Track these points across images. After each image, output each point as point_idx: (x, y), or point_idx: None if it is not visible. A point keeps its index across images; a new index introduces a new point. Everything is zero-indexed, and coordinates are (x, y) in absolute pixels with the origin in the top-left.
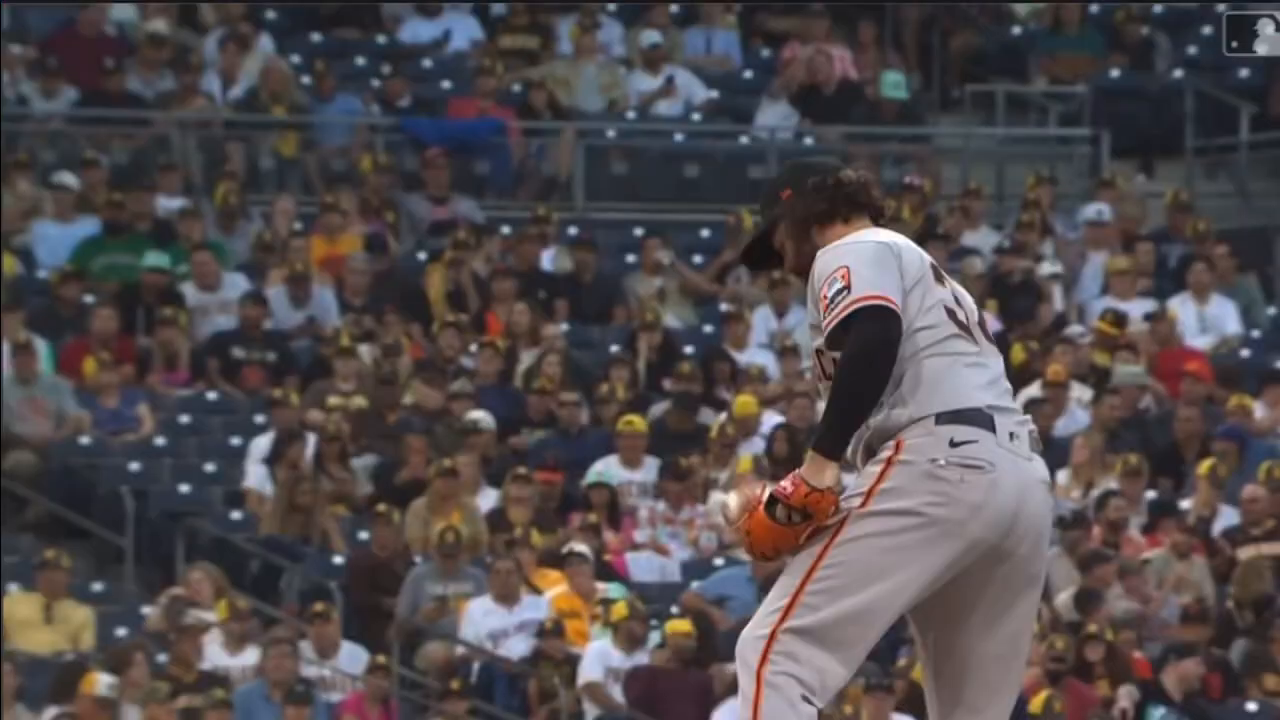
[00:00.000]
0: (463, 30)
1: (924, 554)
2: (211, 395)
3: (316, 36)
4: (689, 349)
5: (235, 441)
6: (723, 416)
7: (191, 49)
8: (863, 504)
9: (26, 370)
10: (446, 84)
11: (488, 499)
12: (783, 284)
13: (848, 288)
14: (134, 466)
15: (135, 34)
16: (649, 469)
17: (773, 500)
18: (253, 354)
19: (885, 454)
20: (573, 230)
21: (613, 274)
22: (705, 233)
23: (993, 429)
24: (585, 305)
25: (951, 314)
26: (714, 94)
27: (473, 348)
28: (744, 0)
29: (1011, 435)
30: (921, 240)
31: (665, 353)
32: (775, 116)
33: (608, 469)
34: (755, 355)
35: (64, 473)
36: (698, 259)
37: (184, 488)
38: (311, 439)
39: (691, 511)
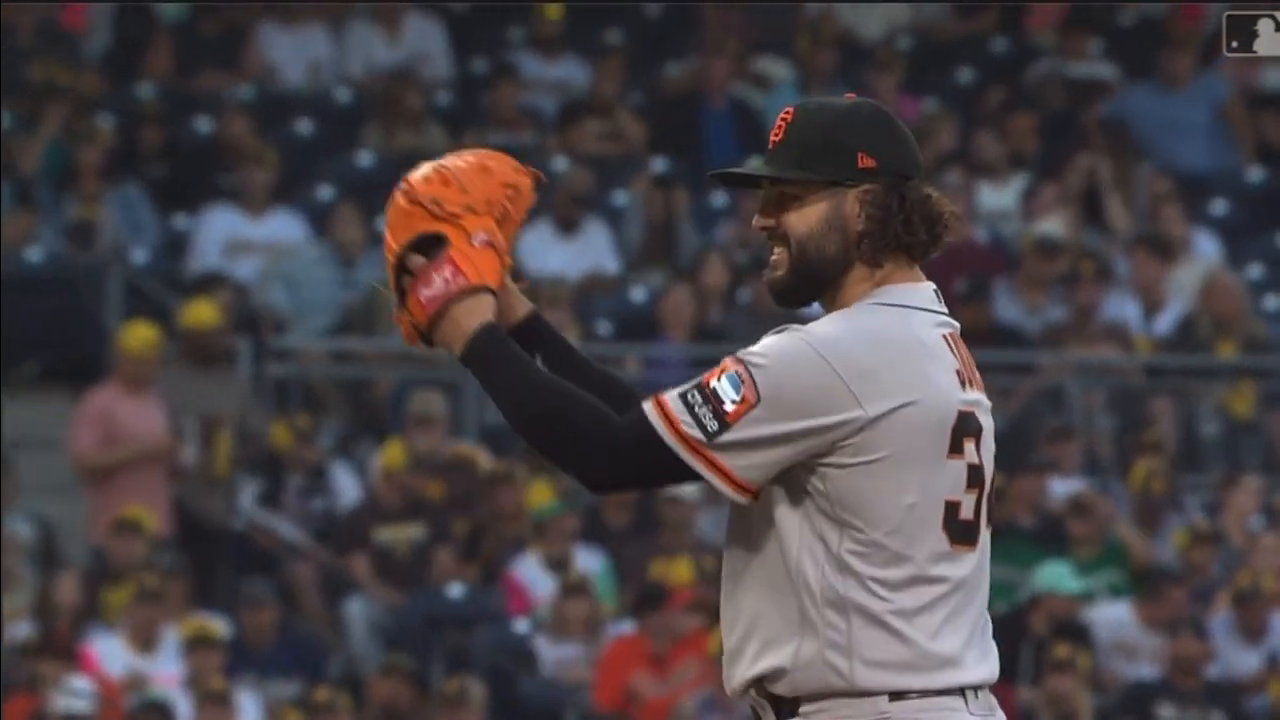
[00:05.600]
0: None
1: None
2: None
3: None
4: None
5: None
6: None
7: (1097, 259)
8: None
9: None
10: None
11: None
12: None
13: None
14: None
15: (1019, 241)
16: None
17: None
18: (1187, 714)
19: None
20: None
21: None
22: None
23: (965, 695)
24: None
25: (953, 512)
26: None
27: None
28: None
29: (978, 692)
30: None
31: None
32: None
33: None
34: None
35: None
36: None
37: None
38: None
39: None
